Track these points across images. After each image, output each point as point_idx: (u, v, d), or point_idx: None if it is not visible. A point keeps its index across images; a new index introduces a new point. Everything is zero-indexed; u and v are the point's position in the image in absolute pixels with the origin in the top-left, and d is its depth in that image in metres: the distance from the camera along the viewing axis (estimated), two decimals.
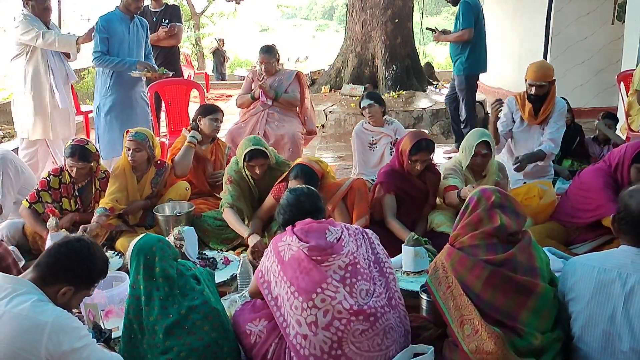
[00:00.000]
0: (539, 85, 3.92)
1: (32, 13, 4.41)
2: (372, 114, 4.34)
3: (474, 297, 1.95)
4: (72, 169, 3.42)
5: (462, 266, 2.01)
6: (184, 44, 17.15)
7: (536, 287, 1.94)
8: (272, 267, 2.13)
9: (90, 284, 1.97)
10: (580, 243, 3.14)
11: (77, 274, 1.90)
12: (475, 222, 2.08)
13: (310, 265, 2.04)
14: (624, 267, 1.90)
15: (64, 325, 1.76)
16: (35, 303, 1.77)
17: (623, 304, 1.86)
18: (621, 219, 1.97)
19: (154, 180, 3.67)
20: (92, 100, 10.10)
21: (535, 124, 4.04)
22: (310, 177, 3.12)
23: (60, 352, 1.72)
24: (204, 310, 2.11)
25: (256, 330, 2.15)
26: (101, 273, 2.00)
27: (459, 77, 5.88)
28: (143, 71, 4.49)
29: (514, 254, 1.99)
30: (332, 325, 1.95)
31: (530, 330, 1.90)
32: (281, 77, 4.75)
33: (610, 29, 7.96)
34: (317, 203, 2.35)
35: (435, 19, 34.35)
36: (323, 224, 2.19)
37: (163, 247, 2.18)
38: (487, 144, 3.34)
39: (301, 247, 2.08)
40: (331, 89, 8.58)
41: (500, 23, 10.87)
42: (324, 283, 2.00)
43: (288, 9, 29.43)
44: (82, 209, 3.56)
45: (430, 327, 2.22)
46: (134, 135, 3.55)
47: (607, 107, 6.54)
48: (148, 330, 2.06)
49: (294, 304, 2.00)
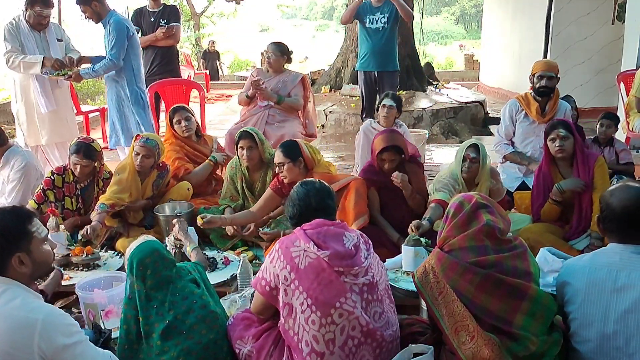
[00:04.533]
0: (549, 77, 3.94)
1: (28, 20, 4.41)
2: (388, 115, 4.35)
3: (467, 303, 1.93)
4: (75, 167, 3.44)
5: (453, 271, 1.99)
6: (184, 44, 17.16)
7: (529, 289, 1.94)
8: (282, 274, 1.99)
9: (26, 235, 1.85)
10: (576, 238, 3.17)
11: (9, 240, 1.81)
12: (462, 223, 2.07)
13: (332, 276, 1.94)
14: (613, 264, 1.91)
15: (55, 322, 1.74)
16: (25, 300, 1.75)
17: (615, 301, 1.87)
18: (605, 218, 1.99)
19: (156, 182, 3.68)
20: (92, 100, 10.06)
21: (543, 122, 4.04)
22: (289, 147, 3.29)
23: (52, 348, 1.71)
24: (201, 313, 2.10)
25: (245, 351, 2.10)
26: (20, 220, 1.86)
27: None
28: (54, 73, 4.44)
29: (505, 257, 1.98)
30: (346, 345, 1.92)
31: (525, 334, 1.89)
32: (286, 78, 4.73)
33: (610, 29, 7.97)
34: (327, 200, 2.23)
35: (435, 18, 34.38)
36: (339, 229, 2.09)
37: (157, 259, 2.13)
38: (475, 148, 3.35)
39: (322, 256, 1.97)
40: (331, 89, 8.59)
41: (500, 23, 10.88)
42: (343, 297, 1.93)
43: (288, 9, 29.46)
44: (83, 208, 3.57)
45: (427, 332, 2.19)
46: (145, 141, 3.54)
47: (607, 107, 6.53)
48: (145, 336, 2.06)
49: (310, 318, 1.92)
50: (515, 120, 4.16)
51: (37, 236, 1.88)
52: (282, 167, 3.29)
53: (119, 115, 4.74)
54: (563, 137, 3.19)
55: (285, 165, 3.27)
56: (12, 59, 4.34)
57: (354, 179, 3.35)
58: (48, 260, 1.94)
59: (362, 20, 5.48)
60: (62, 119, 4.66)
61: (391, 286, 2.67)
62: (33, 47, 4.43)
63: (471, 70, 14.82)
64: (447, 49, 25.04)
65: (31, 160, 3.73)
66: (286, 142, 3.41)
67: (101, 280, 2.70)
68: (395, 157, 3.32)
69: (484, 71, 12.07)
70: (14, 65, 4.37)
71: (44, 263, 1.91)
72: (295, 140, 3.42)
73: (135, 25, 5.50)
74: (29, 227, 1.86)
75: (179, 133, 3.99)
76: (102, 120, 6.60)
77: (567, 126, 3.23)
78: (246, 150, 3.59)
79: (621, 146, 4.28)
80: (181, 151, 4.00)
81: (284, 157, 3.27)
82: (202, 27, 19.17)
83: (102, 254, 3.27)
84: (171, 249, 2.91)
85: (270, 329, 2.13)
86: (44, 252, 1.91)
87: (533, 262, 2.06)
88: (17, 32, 4.40)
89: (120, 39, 4.51)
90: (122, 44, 4.52)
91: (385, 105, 4.36)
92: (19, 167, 3.62)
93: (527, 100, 4.08)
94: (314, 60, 17.68)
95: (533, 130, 4.10)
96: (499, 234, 2.03)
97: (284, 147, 3.32)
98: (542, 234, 3.17)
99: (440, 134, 7.19)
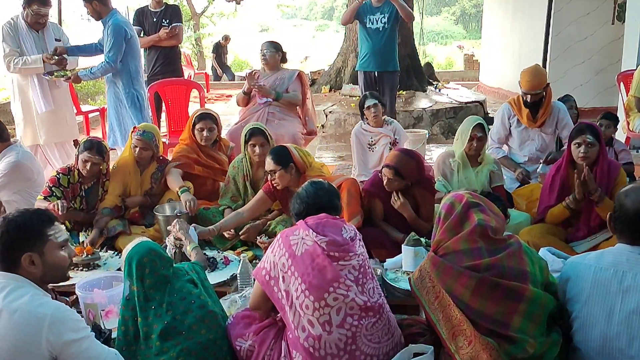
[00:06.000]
0: (534, 94, 3.92)
1: (25, 20, 4.41)
2: (376, 113, 4.36)
3: (463, 307, 1.92)
4: (86, 164, 3.44)
5: (448, 275, 1.98)
6: (184, 44, 17.14)
7: (525, 291, 1.92)
8: (280, 262, 2.05)
9: (41, 237, 1.90)
10: (578, 240, 3.14)
11: (24, 238, 1.87)
12: (454, 225, 2.06)
13: (325, 262, 1.99)
14: (619, 264, 1.90)
15: (63, 317, 1.78)
16: (33, 297, 1.80)
17: (620, 302, 1.86)
18: (617, 218, 1.97)
19: (155, 175, 3.72)
20: (92, 100, 10.07)
21: (535, 127, 4.04)
22: (278, 154, 3.26)
23: (61, 342, 1.75)
24: (200, 313, 2.10)
25: (245, 347, 2.12)
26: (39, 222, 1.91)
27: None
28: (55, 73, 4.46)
29: (500, 258, 1.97)
30: (345, 322, 1.95)
31: (522, 337, 1.87)
32: (282, 75, 4.75)
33: (610, 29, 7.97)
34: (334, 200, 2.30)
35: (435, 19, 34.37)
36: (338, 221, 2.16)
37: (155, 258, 2.14)
38: (482, 127, 3.50)
39: (318, 241, 2.02)
40: (331, 89, 8.59)
41: (500, 23, 10.88)
42: (336, 282, 1.97)
43: (288, 9, 29.43)
44: (86, 209, 3.58)
45: (427, 332, 2.18)
46: (142, 134, 3.63)
47: (607, 107, 6.54)
48: (144, 337, 2.06)
49: (304, 303, 1.96)
50: (510, 125, 4.17)
51: (53, 240, 1.92)
52: (273, 174, 3.26)
53: (116, 116, 4.78)
54: (590, 144, 3.04)
55: (277, 173, 3.25)
56: (13, 64, 4.36)
57: (346, 179, 3.32)
58: (61, 265, 1.96)
59: (362, 20, 5.49)
60: (61, 119, 4.67)
61: (391, 286, 2.69)
62: (31, 46, 4.44)
63: (471, 70, 14.81)
64: (447, 49, 25.02)
65: (25, 160, 3.68)
66: (276, 149, 3.36)
67: (101, 280, 2.70)
68: (395, 179, 3.17)
69: (484, 71, 12.07)
70: (14, 71, 4.41)
71: (57, 267, 1.94)
72: (285, 146, 3.37)
73: (137, 25, 5.52)
74: (46, 230, 1.91)
75: (198, 139, 3.91)
76: (102, 120, 6.60)
77: (595, 133, 3.07)
78: (259, 148, 3.58)
79: (620, 146, 4.28)
80: (193, 153, 3.93)
81: (275, 164, 3.25)
82: (202, 27, 19.16)
83: (102, 254, 3.26)
84: (171, 249, 2.91)
85: (270, 325, 2.16)
86: (58, 257, 1.94)
87: (530, 259, 2.03)
88: (15, 32, 4.41)
89: (117, 41, 4.52)
90: (119, 47, 4.54)
91: (370, 105, 4.37)
92: (8, 162, 3.61)
93: (518, 106, 4.07)
94: (314, 60, 17.69)
95: (528, 135, 4.11)
96: (492, 233, 2.02)
97: (273, 154, 3.28)
98: (543, 235, 3.13)
99: (440, 134, 7.19)
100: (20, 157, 3.65)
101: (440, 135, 7.16)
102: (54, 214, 2.15)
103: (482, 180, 3.54)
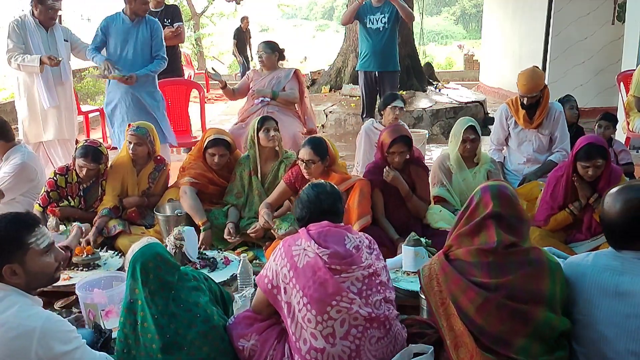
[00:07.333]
0: (530, 97, 3.91)
1: (37, 17, 4.41)
2: (399, 115, 4.27)
3: (466, 320, 1.89)
4: (82, 170, 3.45)
5: (456, 286, 1.95)
6: (184, 44, 17.13)
7: (534, 314, 1.86)
8: (282, 272, 2.02)
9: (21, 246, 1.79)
10: (578, 242, 3.15)
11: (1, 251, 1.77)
12: (469, 232, 1.99)
13: (327, 275, 1.95)
14: (615, 268, 1.88)
15: (53, 329, 1.73)
16: (21, 307, 1.73)
17: (617, 305, 1.85)
18: (601, 222, 1.97)
19: (152, 175, 3.72)
20: (92, 100, 10.07)
21: (532, 128, 4.05)
22: (319, 145, 3.24)
23: (50, 355, 1.70)
24: (203, 329, 2.05)
25: (248, 346, 2.10)
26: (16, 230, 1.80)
27: None
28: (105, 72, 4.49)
29: (511, 280, 1.90)
30: (349, 334, 1.93)
31: (524, 358, 1.84)
32: (279, 74, 4.75)
33: (610, 29, 7.97)
34: (337, 204, 2.22)
35: (435, 19, 34.37)
36: (341, 230, 2.11)
37: (160, 264, 2.08)
38: (473, 129, 3.57)
39: (320, 254, 1.98)
40: (331, 89, 8.58)
41: (500, 23, 10.89)
42: (339, 295, 1.93)
43: (288, 9, 29.41)
44: (84, 208, 3.58)
45: (427, 333, 2.15)
46: (136, 130, 3.64)
47: (607, 107, 6.53)
48: (145, 346, 2.02)
49: (306, 317, 1.93)
50: (508, 126, 4.17)
51: (35, 247, 1.82)
52: (310, 164, 3.21)
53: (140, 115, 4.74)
54: (599, 167, 3.00)
55: (315, 164, 3.22)
56: (13, 59, 4.36)
57: (359, 179, 3.35)
58: (46, 271, 1.87)
59: (362, 20, 5.49)
60: (65, 115, 4.68)
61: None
62: (38, 44, 4.43)
63: (471, 70, 14.80)
64: (447, 49, 25.00)
65: (30, 160, 3.70)
66: (315, 139, 3.33)
67: (101, 280, 2.70)
68: (405, 149, 3.32)
69: (484, 71, 12.07)
70: (13, 66, 4.40)
71: (41, 274, 1.85)
72: (322, 138, 3.39)
73: None
74: (26, 238, 1.80)
75: (208, 162, 3.73)
76: (102, 120, 6.59)
77: (605, 154, 3.01)
78: (273, 131, 3.63)
79: (620, 147, 4.28)
80: (208, 172, 3.75)
81: (315, 154, 3.21)
82: (202, 27, 19.14)
83: (102, 254, 3.27)
84: (171, 249, 2.91)
85: (273, 324, 2.15)
86: (42, 264, 1.84)
87: (552, 278, 1.92)
88: (22, 30, 4.40)
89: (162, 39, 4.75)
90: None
91: (397, 107, 4.30)
92: (14, 163, 3.61)
93: (516, 107, 4.07)
94: (314, 60, 17.68)
95: (525, 136, 4.12)
96: (508, 249, 1.93)
97: (313, 144, 3.25)
98: (542, 238, 3.13)
99: (440, 134, 7.19)
100: (25, 158, 3.66)
101: (440, 135, 7.16)
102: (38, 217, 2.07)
103: (480, 180, 3.55)
